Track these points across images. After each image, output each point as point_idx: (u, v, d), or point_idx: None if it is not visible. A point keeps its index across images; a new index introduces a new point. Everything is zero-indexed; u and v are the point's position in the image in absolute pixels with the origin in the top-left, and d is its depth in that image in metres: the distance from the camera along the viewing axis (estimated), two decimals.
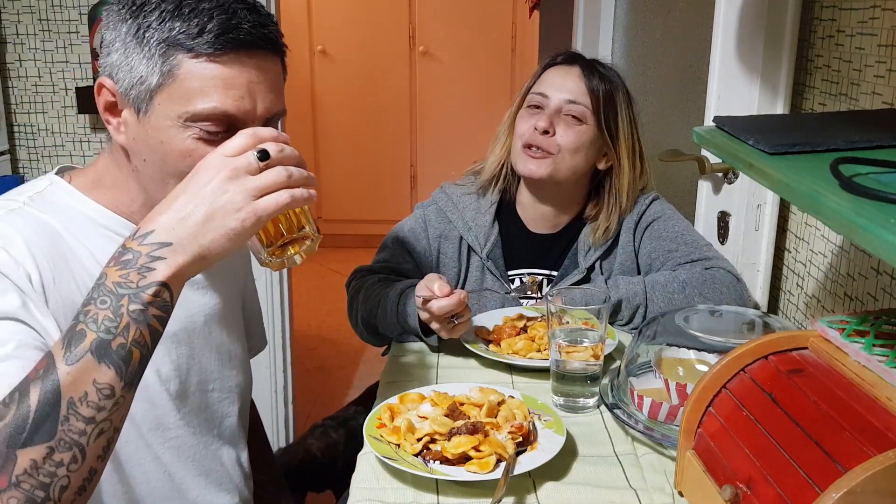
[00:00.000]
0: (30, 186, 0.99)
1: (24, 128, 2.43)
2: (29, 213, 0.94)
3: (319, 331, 3.66)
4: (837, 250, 1.27)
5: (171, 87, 0.89)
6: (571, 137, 1.42)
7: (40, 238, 0.92)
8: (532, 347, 1.31)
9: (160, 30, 0.88)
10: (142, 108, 0.91)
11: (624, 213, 1.48)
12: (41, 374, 0.76)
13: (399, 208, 4.77)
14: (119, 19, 0.91)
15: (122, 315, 0.78)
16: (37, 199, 0.96)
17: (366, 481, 0.98)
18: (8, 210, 0.93)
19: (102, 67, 0.93)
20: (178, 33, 0.87)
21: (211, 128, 0.90)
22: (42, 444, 0.74)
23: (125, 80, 0.90)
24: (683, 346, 1.07)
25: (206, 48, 0.87)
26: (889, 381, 0.72)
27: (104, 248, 0.95)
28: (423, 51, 4.81)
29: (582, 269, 1.47)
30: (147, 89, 0.89)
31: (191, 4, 0.88)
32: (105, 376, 0.77)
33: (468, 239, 1.49)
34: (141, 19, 0.89)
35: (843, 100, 1.25)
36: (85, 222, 0.97)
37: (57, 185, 0.99)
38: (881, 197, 0.61)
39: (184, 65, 0.88)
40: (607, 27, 2.45)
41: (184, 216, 0.81)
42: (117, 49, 0.90)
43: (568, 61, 1.47)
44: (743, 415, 0.82)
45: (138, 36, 0.89)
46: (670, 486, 0.94)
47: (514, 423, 1.03)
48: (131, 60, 0.89)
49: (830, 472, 0.67)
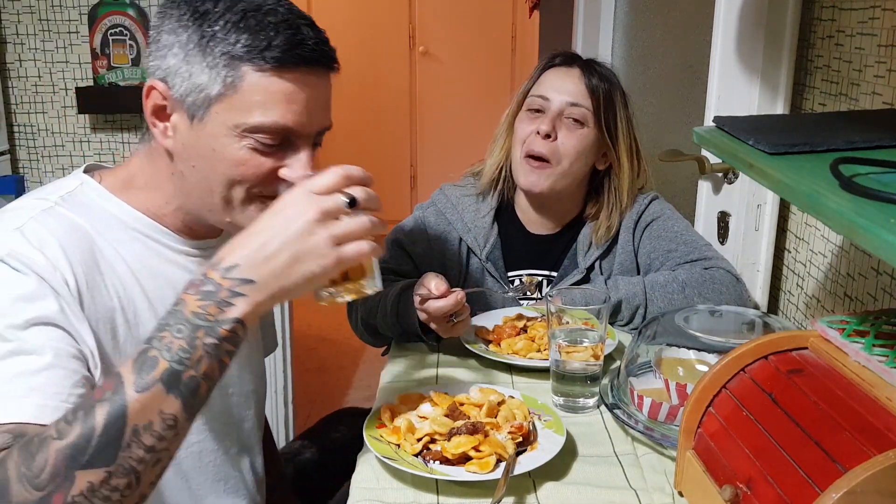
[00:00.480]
0: (59, 185, 0.97)
1: (23, 128, 2.43)
2: (61, 213, 0.92)
3: (319, 331, 3.66)
4: (837, 250, 1.27)
5: (233, 97, 0.89)
6: (573, 142, 1.41)
7: (74, 241, 0.90)
8: (532, 347, 1.31)
9: (226, 41, 0.88)
10: (197, 114, 0.90)
11: (624, 212, 1.48)
12: (108, 396, 0.75)
13: (399, 208, 4.77)
14: (179, 25, 0.90)
15: (196, 347, 0.77)
16: (68, 198, 0.94)
17: (366, 481, 0.98)
18: (41, 210, 0.91)
19: (153, 69, 0.92)
20: (243, 46, 0.87)
21: (267, 140, 0.90)
22: (101, 469, 0.73)
23: (181, 85, 0.90)
24: (683, 347, 1.07)
25: (271, 62, 0.88)
26: (889, 381, 0.72)
27: (134, 251, 0.96)
28: (423, 51, 4.82)
29: (581, 270, 1.47)
30: (206, 97, 0.89)
31: (256, 17, 0.88)
32: (171, 407, 0.77)
33: (467, 240, 1.49)
34: (206, 28, 0.88)
35: (843, 100, 1.25)
36: (115, 224, 0.96)
37: (87, 184, 0.98)
38: (881, 197, 0.61)
39: (248, 77, 0.88)
40: (607, 27, 2.45)
41: (269, 255, 0.80)
42: (176, 54, 0.90)
43: (567, 62, 1.46)
44: (743, 415, 0.82)
45: (202, 44, 0.88)
46: (670, 486, 0.94)
47: (514, 423, 1.03)
48: (192, 67, 0.89)
49: (830, 472, 0.67)
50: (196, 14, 0.89)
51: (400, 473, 0.98)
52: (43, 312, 0.83)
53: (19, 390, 0.78)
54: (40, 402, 0.78)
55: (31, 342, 0.81)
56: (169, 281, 0.98)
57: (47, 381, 0.80)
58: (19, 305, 0.82)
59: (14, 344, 0.80)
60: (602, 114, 1.42)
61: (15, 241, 0.86)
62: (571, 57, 1.47)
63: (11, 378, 0.79)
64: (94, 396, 0.76)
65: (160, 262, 0.99)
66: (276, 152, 0.92)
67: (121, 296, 0.94)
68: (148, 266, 0.97)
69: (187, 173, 0.94)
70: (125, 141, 2.45)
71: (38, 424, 0.77)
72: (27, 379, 0.79)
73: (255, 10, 0.89)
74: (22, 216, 0.90)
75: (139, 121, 2.42)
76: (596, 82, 1.42)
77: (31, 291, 0.84)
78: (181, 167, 0.94)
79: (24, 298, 0.83)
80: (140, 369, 0.76)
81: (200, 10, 0.89)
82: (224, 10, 0.88)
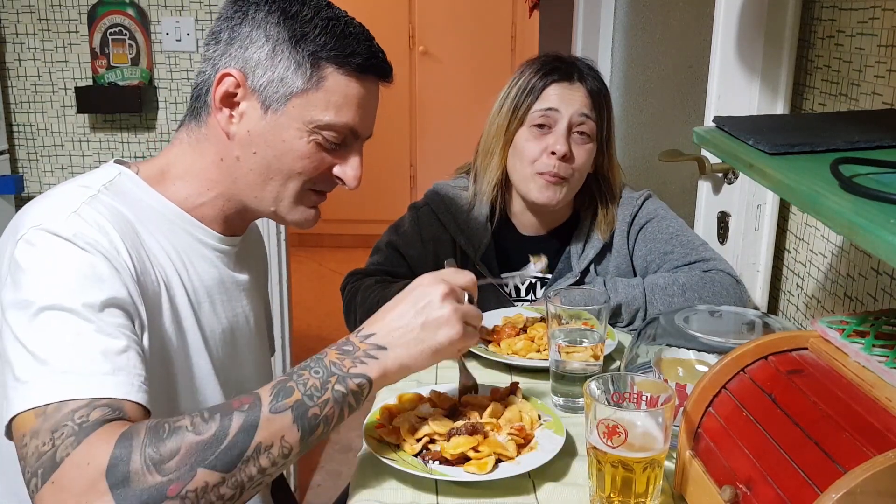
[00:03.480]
0: (98, 175, 0.99)
1: (23, 127, 2.43)
2: (106, 201, 0.94)
3: (319, 331, 3.66)
4: (837, 250, 1.27)
5: (314, 94, 0.96)
6: (584, 157, 1.41)
7: (124, 227, 0.93)
8: (532, 347, 1.30)
9: (315, 42, 0.95)
10: (272, 105, 0.96)
11: (616, 203, 1.49)
12: (245, 408, 0.81)
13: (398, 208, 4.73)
14: (267, 20, 0.95)
15: (327, 389, 0.86)
16: (110, 187, 0.96)
17: (365, 481, 0.98)
18: (89, 196, 0.93)
19: (228, 57, 0.96)
20: (331, 49, 0.95)
21: (334, 138, 0.98)
22: (219, 472, 0.78)
23: (262, 76, 0.95)
24: (683, 347, 1.07)
25: (354, 67, 0.96)
26: (889, 381, 0.72)
27: (171, 242, 0.99)
28: (423, 51, 4.82)
29: (575, 273, 1.47)
30: (287, 90, 0.95)
31: (339, 27, 0.96)
32: (292, 437, 0.83)
33: (460, 242, 1.48)
34: (298, 27, 0.95)
35: (843, 100, 1.25)
36: (153, 215, 0.98)
37: (125, 174, 0.99)
38: (881, 197, 0.61)
39: (331, 77, 0.96)
40: (607, 27, 2.45)
41: (401, 325, 0.91)
42: (261, 47, 0.95)
43: (566, 76, 1.40)
44: (743, 415, 0.82)
45: (292, 42, 0.95)
46: (670, 487, 0.94)
47: (515, 424, 1.03)
48: (277, 62, 0.95)
49: (830, 473, 0.67)
50: (286, 14, 0.95)
51: (399, 473, 0.98)
52: (112, 294, 0.86)
53: (107, 367, 0.81)
54: (127, 380, 0.82)
55: (108, 324, 0.84)
56: (199, 275, 1.02)
57: (128, 362, 0.83)
58: (92, 285, 0.85)
59: (95, 325, 0.83)
60: (605, 126, 1.42)
61: (76, 223, 0.88)
62: (568, 68, 1.41)
63: (97, 356, 0.81)
64: (231, 405, 0.81)
65: (194, 256, 1.02)
66: (336, 151, 1.00)
67: (164, 281, 0.96)
68: (183, 257, 1.00)
69: (244, 159, 0.98)
70: (124, 140, 2.45)
71: (131, 401, 0.81)
72: (113, 358, 0.82)
73: (336, 19, 0.97)
74: (73, 201, 0.91)
75: (138, 120, 2.43)
76: (598, 93, 1.41)
77: (101, 272, 0.86)
78: (238, 152, 0.98)
79: (96, 278, 0.85)
80: (277, 394, 0.83)
81: (290, 12, 0.96)
82: (312, 14, 0.96)
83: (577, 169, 1.40)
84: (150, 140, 2.45)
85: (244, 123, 0.97)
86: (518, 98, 1.41)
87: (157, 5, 2.34)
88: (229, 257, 1.07)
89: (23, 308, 0.83)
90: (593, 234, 1.49)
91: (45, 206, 0.92)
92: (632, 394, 0.89)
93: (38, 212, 0.91)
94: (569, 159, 1.39)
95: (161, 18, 2.35)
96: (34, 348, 0.81)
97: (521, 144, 1.41)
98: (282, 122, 0.96)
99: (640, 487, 0.84)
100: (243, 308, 1.10)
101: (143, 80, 2.36)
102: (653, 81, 2.17)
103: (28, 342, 0.81)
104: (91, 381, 0.80)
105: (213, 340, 1.04)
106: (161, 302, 0.95)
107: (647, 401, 0.88)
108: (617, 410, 0.85)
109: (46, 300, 0.82)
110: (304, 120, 0.96)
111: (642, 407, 0.88)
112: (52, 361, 0.80)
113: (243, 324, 1.10)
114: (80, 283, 0.84)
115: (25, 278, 0.84)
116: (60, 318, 0.82)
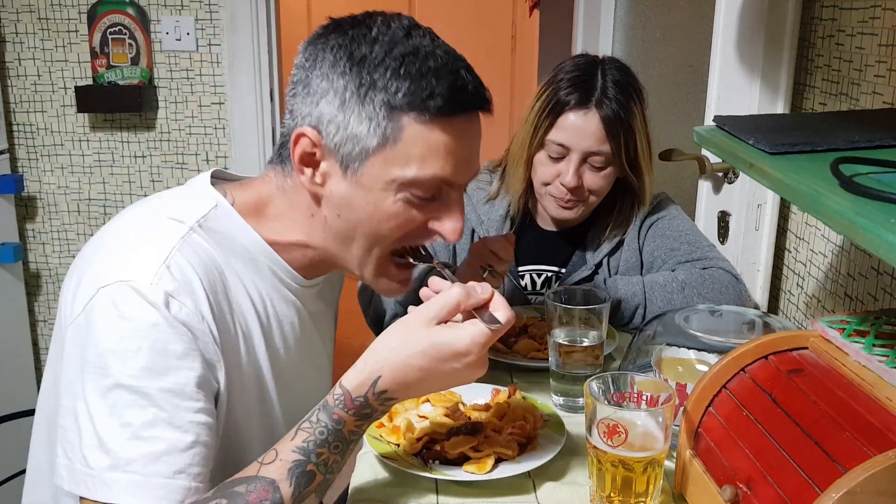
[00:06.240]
0: (193, 205, 0.91)
1: (23, 127, 2.43)
2: (197, 242, 0.87)
3: None
4: (837, 250, 1.27)
5: (392, 149, 0.84)
6: (599, 183, 1.40)
7: (212, 280, 0.87)
8: (532, 347, 1.30)
9: (386, 90, 0.83)
10: (352, 165, 0.86)
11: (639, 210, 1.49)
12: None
13: None
14: (335, 70, 0.84)
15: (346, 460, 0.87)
16: (204, 224, 0.89)
17: (365, 481, 0.98)
18: (181, 237, 0.86)
19: (303, 115, 0.87)
20: (405, 95, 0.83)
21: (423, 194, 0.87)
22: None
23: (336, 134, 0.85)
24: (683, 346, 1.07)
25: (434, 112, 0.83)
26: (889, 381, 0.72)
27: (255, 283, 0.93)
28: None
29: (590, 266, 1.48)
30: (364, 149, 0.85)
31: (416, 63, 0.83)
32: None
33: (479, 233, 1.49)
34: (365, 75, 0.83)
35: (843, 99, 1.25)
36: (243, 255, 0.92)
37: (222, 208, 0.92)
38: (881, 197, 0.61)
39: (408, 128, 0.84)
40: (607, 27, 2.45)
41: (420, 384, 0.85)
42: (330, 102, 0.84)
43: (582, 101, 1.36)
44: (743, 415, 0.82)
45: (360, 93, 0.83)
46: (670, 486, 0.93)
47: (516, 423, 1.03)
48: (349, 117, 0.84)
49: (830, 472, 0.67)
50: (352, 59, 0.84)
51: (400, 473, 0.98)
52: (192, 374, 0.82)
53: (168, 470, 0.80)
54: (184, 485, 0.80)
55: (180, 414, 0.81)
56: (278, 316, 0.97)
57: (190, 462, 0.81)
58: (172, 364, 0.81)
59: (167, 413, 0.80)
60: (623, 150, 1.38)
61: (166, 281, 0.82)
62: (588, 86, 1.37)
63: (162, 454, 0.80)
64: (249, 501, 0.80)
65: (276, 297, 0.96)
66: (429, 204, 0.89)
67: (242, 328, 0.92)
68: (265, 298, 0.95)
69: (331, 221, 0.90)
70: (124, 140, 2.45)
71: None
72: (176, 458, 0.80)
73: (413, 54, 0.84)
74: (164, 245, 0.85)
75: (138, 120, 2.43)
76: (614, 120, 1.35)
77: (184, 351, 0.82)
78: (325, 213, 0.90)
79: (175, 357, 0.81)
80: (298, 481, 0.82)
81: (357, 56, 0.84)
82: (383, 55, 0.83)
83: (591, 191, 1.41)
84: (150, 140, 2.45)
85: (328, 185, 0.88)
86: (538, 119, 1.39)
87: (156, 5, 2.34)
88: (308, 297, 1.01)
89: (100, 376, 0.80)
90: (609, 230, 1.49)
91: (132, 245, 0.86)
92: (632, 393, 0.89)
93: (126, 252, 0.85)
94: (579, 189, 1.40)
95: (161, 18, 2.35)
96: (102, 430, 0.79)
97: (538, 165, 1.43)
98: (363, 182, 0.86)
99: (640, 487, 0.84)
100: (315, 344, 1.07)
101: (143, 80, 2.36)
102: (653, 81, 2.17)
103: (97, 419, 0.80)
104: (147, 485, 0.78)
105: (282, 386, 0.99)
106: (239, 347, 0.91)
107: (648, 400, 0.88)
108: (617, 410, 0.85)
109: (123, 377, 0.79)
110: (385, 178, 0.85)
111: (642, 406, 0.88)
112: (116, 453, 0.79)
113: (313, 359, 1.08)
114: (160, 364, 0.80)
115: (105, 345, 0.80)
116: (133, 401, 0.79)
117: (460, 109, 0.85)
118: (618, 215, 1.49)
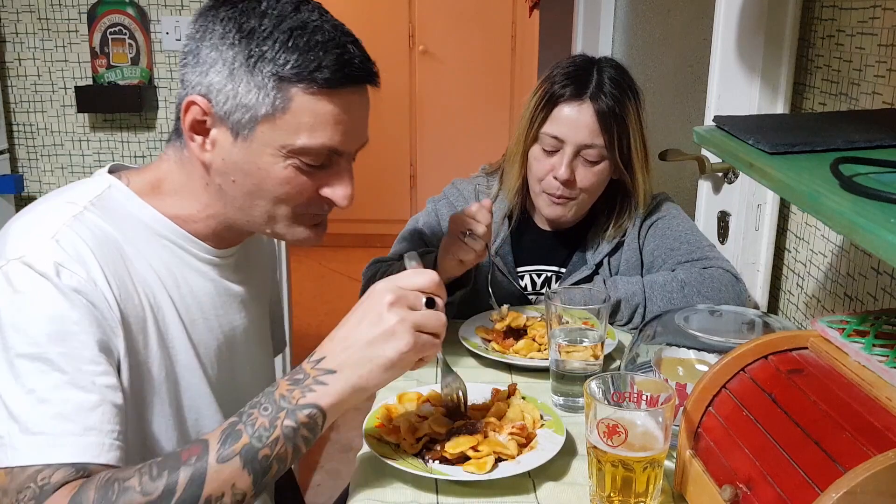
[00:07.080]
0: (87, 187, 0.95)
1: (23, 127, 2.43)
2: (90, 219, 0.90)
3: (319, 330, 3.65)
4: (837, 250, 1.27)
5: (281, 118, 0.88)
6: (592, 179, 1.41)
7: (105, 250, 0.89)
8: (532, 347, 1.31)
9: (275, 62, 0.86)
10: (241, 132, 0.89)
11: (635, 215, 1.49)
12: (193, 460, 0.79)
13: (399, 208, 4.77)
14: (224, 42, 0.88)
15: (276, 427, 0.82)
16: (97, 203, 0.92)
17: (366, 481, 0.98)
18: (72, 216, 0.89)
19: (193, 84, 0.90)
20: (293, 67, 0.86)
21: (312, 161, 0.91)
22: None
23: (226, 102, 0.88)
24: (683, 346, 1.07)
25: (321, 84, 0.87)
26: (889, 381, 0.72)
27: (161, 258, 0.95)
28: (423, 50, 4.81)
29: (591, 266, 1.48)
30: (253, 116, 0.88)
31: (304, 36, 0.86)
32: (243, 483, 0.81)
33: None
34: (253, 47, 0.86)
35: (843, 99, 1.25)
36: (143, 231, 0.94)
37: (115, 188, 0.95)
38: (881, 197, 0.61)
39: (297, 99, 0.87)
40: (607, 27, 2.45)
41: (350, 343, 0.85)
42: (219, 71, 0.88)
43: (577, 94, 1.37)
44: (743, 415, 0.82)
45: (249, 64, 0.86)
46: (670, 486, 0.93)
47: (516, 423, 1.03)
48: (238, 86, 0.87)
49: (830, 472, 0.67)
50: (242, 32, 0.87)
51: (399, 473, 0.98)
52: (90, 339, 0.84)
53: (78, 428, 0.80)
54: (97, 441, 0.81)
55: (83, 376, 0.82)
56: (192, 290, 0.98)
57: (101, 419, 0.82)
58: (69, 329, 0.83)
59: (69, 376, 0.82)
60: (616, 144, 1.39)
61: (54, 252, 0.85)
62: (583, 79, 1.38)
63: (70, 413, 0.81)
64: (180, 458, 0.80)
65: (185, 271, 0.98)
66: (318, 172, 0.93)
67: (151, 303, 0.93)
68: (174, 274, 0.96)
69: (226, 187, 0.93)
70: (124, 140, 2.45)
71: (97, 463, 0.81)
72: (84, 416, 0.81)
73: (301, 28, 0.87)
74: (54, 222, 0.88)
75: (138, 120, 2.43)
76: (608, 114, 1.36)
77: (79, 316, 0.84)
78: (219, 181, 0.93)
79: (71, 322, 0.83)
80: (225, 440, 0.81)
81: (246, 29, 0.87)
82: (272, 28, 0.86)
83: (584, 189, 1.41)
84: (150, 140, 2.45)
85: (218, 151, 0.91)
86: (534, 112, 1.40)
87: (156, 5, 2.34)
88: (225, 268, 1.03)
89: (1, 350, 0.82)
90: (609, 230, 1.49)
91: (27, 227, 0.89)
92: (632, 393, 0.89)
93: (21, 234, 0.88)
94: (572, 183, 1.40)
95: (161, 18, 2.35)
96: (9, 400, 0.81)
97: (532, 161, 1.43)
98: (253, 148, 0.89)
99: (640, 487, 0.84)
100: (241, 319, 1.07)
101: (143, 80, 2.36)
102: (653, 81, 2.17)
103: (3, 391, 0.81)
104: (58, 444, 0.79)
105: (208, 357, 1.01)
106: (147, 326, 0.92)
107: (648, 400, 0.88)
108: (617, 410, 0.85)
109: (23, 347, 0.81)
110: (274, 145, 0.89)
111: (642, 406, 0.88)
112: (24, 419, 0.80)
113: (240, 336, 1.07)
114: (57, 329, 0.82)
115: (3, 320, 0.83)
116: (36, 368, 0.81)
117: (347, 82, 0.89)
118: (617, 216, 1.49)
